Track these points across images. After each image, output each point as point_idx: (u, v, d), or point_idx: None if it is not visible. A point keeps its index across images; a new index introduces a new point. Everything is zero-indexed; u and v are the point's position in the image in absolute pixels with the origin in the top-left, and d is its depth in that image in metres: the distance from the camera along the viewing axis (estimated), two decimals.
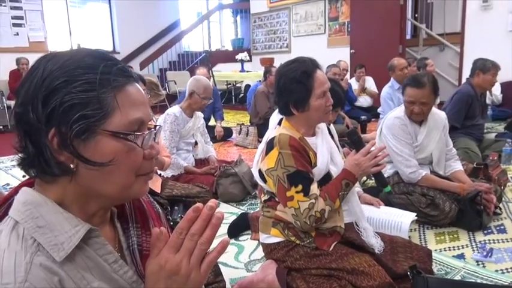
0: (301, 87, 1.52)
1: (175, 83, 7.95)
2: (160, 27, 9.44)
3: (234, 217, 2.41)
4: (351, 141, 1.63)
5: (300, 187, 1.49)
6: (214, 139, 4.78)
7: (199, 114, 3.08)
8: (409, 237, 2.08)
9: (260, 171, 1.62)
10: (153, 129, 0.69)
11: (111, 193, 0.65)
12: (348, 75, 6.04)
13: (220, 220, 0.64)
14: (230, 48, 10.31)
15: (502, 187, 2.68)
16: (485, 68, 3.44)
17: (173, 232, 0.64)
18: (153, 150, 0.69)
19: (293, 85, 1.52)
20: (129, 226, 0.75)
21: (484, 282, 1.68)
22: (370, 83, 6.19)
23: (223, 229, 2.30)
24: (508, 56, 5.22)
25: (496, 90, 5.48)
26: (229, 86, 8.74)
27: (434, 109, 2.42)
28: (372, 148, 1.58)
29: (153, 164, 0.71)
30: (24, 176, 0.67)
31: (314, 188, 1.52)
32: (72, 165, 0.61)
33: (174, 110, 2.91)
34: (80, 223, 0.63)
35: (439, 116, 2.42)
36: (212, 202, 0.64)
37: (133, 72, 0.70)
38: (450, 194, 2.32)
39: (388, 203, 2.29)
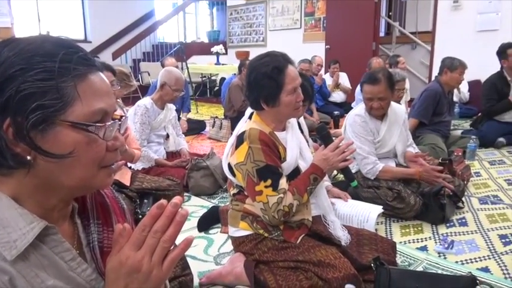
0: (272, 82, 1.53)
1: (149, 74, 7.82)
2: (134, 16, 9.23)
3: (205, 210, 2.41)
4: (320, 136, 1.66)
5: (269, 182, 1.51)
6: (189, 130, 4.74)
7: (171, 106, 3.05)
8: (376, 229, 2.14)
9: (229, 165, 1.63)
10: (117, 120, 0.68)
11: (72, 185, 0.64)
12: (322, 71, 6.10)
13: (185, 217, 0.63)
14: (206, 41, 10.20)
15: (465, 182, 2.80)
16: (452, 66, 3.55)
17: (136, 229, 0.63)
18: (117, 142, 0.67)
19: (264, 80, 1.53)
20: (90, 222, 0.73)
21: (444, 273, 1.75)
22: (343, 79, 6.27)
23: (194, 222, 2.30)
24: (476, 56, 5.40)
25: (464, 88, 5.68)
26: (204, 78, 8.67)
27: (394, 104, 2.49)
28: (340, 144, 1.61)
29: (118, 156, 0.69)
30: None
31: (283, 183, 1.54)
32: (29, 157, 0.60)
33: (145, 101, 2.87)
34: (35, 220, 0.61)
35: (399, 110, 2.50)
36: (177, 199, 0.63)
37: (97, 60, 0.69)
38: (415, 188, 2.41)
39: (356, 197, 2.35)
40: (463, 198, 2.55)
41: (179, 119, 3.96)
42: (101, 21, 8.60)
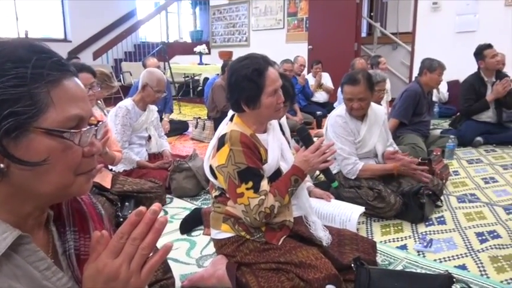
0: (253, 84, 1.53)
1: (131, 74, 7.74)
2: (116, 16, 9.12)
3: (187, 212, 2.40)
4: (301, 137, 1.67)
5: (250, 184, 1.51)
6: (172, 131, 4.71)
7: (153, 108, 3.03)
8: (357, 229, 2.17)
9: (211, 167, 1.63)
10: (93, 126, 0.67)
11: (48, 193, 0.63)
12: (305, 71, 6.14)
13: (164, 225, 0.62)
14: (188, 40, 10.15)
15: (444, 181, 2.86)
16: (431, 67, 3.63)
17: (114, 236, 0.62)
18: (93, 148, 0.66)
19: (244, 82, 1.53)
20: (66, 229, 0.72)
21: (423, 271, 1.79)
22: (326, 79, 6.33)
23: (176, 224, 2.29)
24: (455, 56, 5.52)
25: (443, 88, 5.80)
26: (187, 78, 8.63)
27: (374, 105, 2.54)
28: (321, 145, 1.63)
29: (95, 162, 0.69)
30: None
31: (264, 185, 1.54)
32: (1, 165, 0.58)
33: (126, 102, 2.84)
34: (7, 229, 0.60)
35: (379, 111, 2.55)
36: (156, 206, 0.62)
37: (73, 65, 0.68)
38: (395, 187, 2.46)
39: (338, 197, 2.38)
40: (442, 197, 2.60)
41: (161, 120, 3.94)
42: (81, 20, 8.46)
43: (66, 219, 0.74)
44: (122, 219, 2.20)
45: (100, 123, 0.70)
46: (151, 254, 0.63)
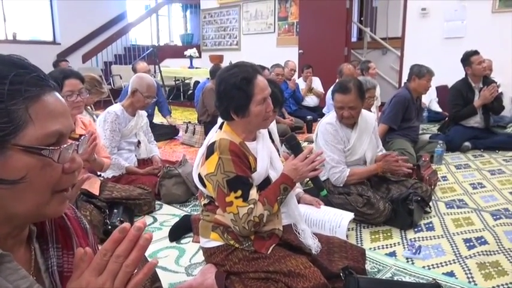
0: (241, 93, 1.53)
1: (121, 78, 7.69)
2: (106, 18, 9.05)
3: (177, 219, 2.39)
4: (290, 146, 1.67)
5: (239, 192, 1.51)
6: (162, 135, 4.69)
7: (143, 113, 3.01)
8: (347, 236, 2.17)
9: (200, 176, 1.62)
10: (74, 142, 0.66)
11: (25, 212, 0.61)
12: (295, 75, 6.16)
13: (149, 241, 0.61)
14: (179, 44, 10.13)
15: (433, 186, 2.88)
16: (420, 73, 3.66)
17: (97, 253, 0.61)
18: (74, 164, 0.65)
19: (233, 91, 1.53)
20: (49, 246, 0.71)
21: (412, 279, 1.80)
22: (316, 84, 6.37)
23: (165, 232, 2.27)
24: (444, 61, 5.58)
25: (432, 93, 5.84)
26: (177, 82, 8.60)
27: (364, 112, 2.55)
28: (309, 154, 1.63)
29: (75, 178, 0.67)
30: None
31: (253, 193, 1.54)
32: None
33: (115, 108, 2.82)
34: None
35: (369, 118, 2.56)
36: (140, 223, 0.62)
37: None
38: (384, 194, 2.47)
39: (328, 203, 2.38)
40: (430, 203, 2.62)
41: (152, 124, 3.91)
42: (71, 23, 8.39)
43: (49, 235, 0.72)
44: (110, 227, 2.17)
45: (82, 137, 0.70)
46: (136, 271, 0.63)
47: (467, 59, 4.05)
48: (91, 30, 8.78)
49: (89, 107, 3.30)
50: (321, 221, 2.16)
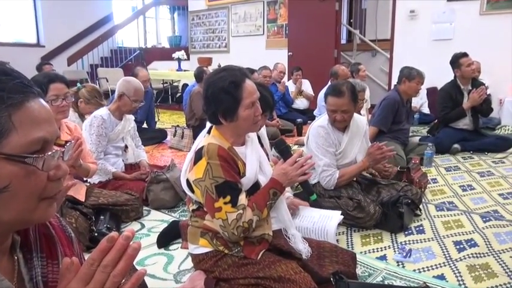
0: (230, 97, 1.53)
1: (107, 81, 7.61)
2: (91, 20, 8.99)
3: (165, 225, 2.38)
4: (279, 150, 1.68)
5: (228, 198, 1.51)
6: (149, 139, 4.66)
7: (130, 117, 2.99)
8: (337, 240, 2.18)
9: (188, 181, 1.62)
10: (59, 149, 0.66)
11: (10, 220, 0.61)
12: (285, 78, 6.18)
13: (137, 251, 0.61)
14: (167, 46, 10.10)
15: (423, 189, 2.91)
16: (410, 76, 3.70)
17: (84, 263, 0.61)
18: (59, 171, 0.65)
19: (221, 95, 1.53)
20: (33, 256, 0.70)
21: (402, 282, 1.81)
22: (306, 86, 6.39)
23: (153, 238, 2.26)
24: (433, 64, 5.67)
25: (423, 95, 5.91)
26: (165, 85, 8.56)
27: (356, 115, 2.57)
28: (299, 158, 1.64)
29: (60, 185, 0.67)
30: None
31: (242, 199, 1.54)
32: None
33: (101, 112, 2.80)
34: None
35: (361, 122, 2.59)
36: (129, 232, 0.61)
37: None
38: (375, 197, 2.49)
39: (318, 207, 2.38)
40: (421, 206, 2.65)
41: (139, 129, 3.89)
42: (55, 24, 8.31)
43: (33, 244, 0.72)
44: (96, 234, 2.15)
45: (68, 143, 0.69)
46: (123, 280, 0.62)
47: (456, 61, 4.11)
48: (76, 32, 8.71)
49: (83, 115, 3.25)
50: (308, 228, 2.15)
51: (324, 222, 2.13)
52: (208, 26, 9.03)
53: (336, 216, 2.18)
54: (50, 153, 0.63)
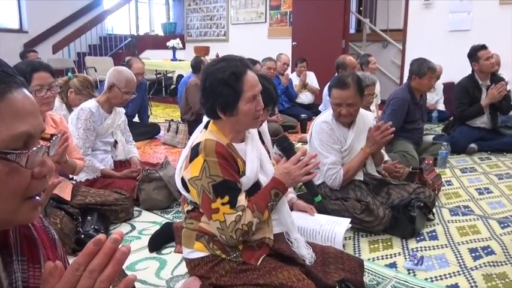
0: (229, 89, 1.53)
1: (96, 70, 7.61)
2: (79, 4, 8.99)
3: (157, 227, 2.38)
4: (281, 148, 1.68)
5: (226, 198, 1.51)
6: (141, 135, 4.66)
7: (120, 110, 3.00)
8: (344, 245, 2.19)
9: (183, 180, 1.62)
10: (44, 144, 0.65)
11: None
12: (289, 70, 6.18)
13: (126, 255, 0.61)
14: (161, 33, 10.08)
15: (436, 192, 2.92)
16: (420, 72, 3.66)
17: (68, 267, 0.61)
18: (44, 168, 0.65)
19: (220, 87, 1.53)
20: (13, 259, 0.70)
21: None
22: (311, 79, 6.39)
23: (145, 241, 2.26)
24: (449, 56, 5.66)
25: (439, 89, 5.90)
26: (159, 76, 8.56)
27: (362, 111, 2.58)
28: (303, 156, 1.64)
29: (45, 183, 0.67)
30: None
31: (241, 199, 1.55)
32: None
33: (90, 104, 2.80)
34: None
35: (367, 118, 2.59)
36: (117, 234, 0.61)
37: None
38: (384, 199, 2.50)
39: (324, 209, 2.40)
40: (434, 210, 2.65)
41: (130, 123, 3.89)
42: (40, 9, 8.29)
43: (13, 247, 0.71)
44: (83, 236, 2.16)
45: (54, 137, 0.69)
46: (111, 287, 0.62)
47: (475, 54, 4.10)
48: (62, 17, 8.70)
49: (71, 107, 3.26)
50: (314, 231, 2.17)
51: (332, 226, 2.14)
52: (205, 12, 9.01)
53: (345, 222, 2.19)
54: (34, 148, 0.62)
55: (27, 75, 2.08)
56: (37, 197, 0.66)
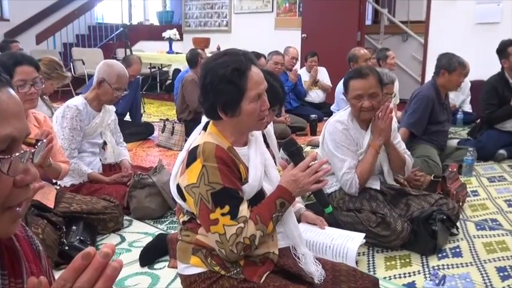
0: (232, 87, 1.53)
1: (84, 63, 7.66)
2: None
3: (149, 239, 2.40)
4: (288, 152, 1.68)
5: (226, 208, 1.51)
6: (133, 135, 4.68)
7: (110, 108, 3.01)
8: (357, 262, 2.19)
9: (179, 187, 1.62)
10: (28, 150, 0.66)
11: None
12: (297, 65, 6.18)
13: (118, 271, 0.61)
14: (156, 23, 10.13)
15: (461, 203, 2.91)
16: (450, 67, 3.63)
17: (54, 284, 0.61)
18: (27, 176, 0.65)
19: (222, 84, 1.54)
20: None
21: None
22: (323, 75, 6.39)
23: (136, 254, 2.27)
24: (475, 51, 5.63)
25: (466, 88, 5.88)
26: (153, 70, 8.58)
27: None
28: (313, 162, 1.64)
29: (28, 192, 0.68)
30: None
31: (243, 210, 1.54)
32: None
33: (77, 101, 2.82)
34: None
35: None
36: (108, 248, 0.61)
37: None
38: (403, 211, 2.49)
39: (335, 221, 2.39)
40: (458, 223, 2.65)
41: (121, 122, 3.91)
42: None
43: None
44: (67, 248, 2.17)
45: (39, 143, 0.70)
46: None
47: (505, 49, 4.09)
48: (47, 4, 8.75)
49: (46, 97, 3.29)
50: (324, 246, 2.17)
51: (345, 240, 2.13)
52: (206, 0, 9.03)
53: (359, 237, 2.19)
54: (17, 154, 0.63)
55: (10, 69, 2.09)
56: (18, 208, 0.66)
